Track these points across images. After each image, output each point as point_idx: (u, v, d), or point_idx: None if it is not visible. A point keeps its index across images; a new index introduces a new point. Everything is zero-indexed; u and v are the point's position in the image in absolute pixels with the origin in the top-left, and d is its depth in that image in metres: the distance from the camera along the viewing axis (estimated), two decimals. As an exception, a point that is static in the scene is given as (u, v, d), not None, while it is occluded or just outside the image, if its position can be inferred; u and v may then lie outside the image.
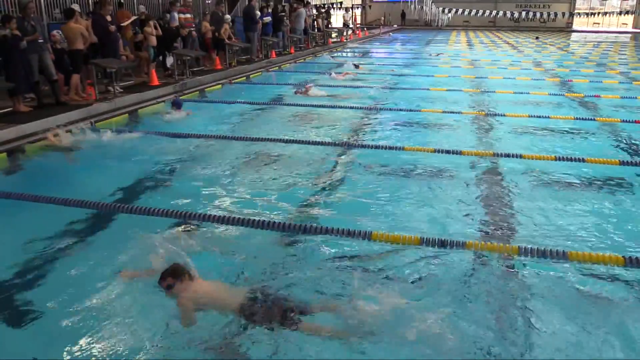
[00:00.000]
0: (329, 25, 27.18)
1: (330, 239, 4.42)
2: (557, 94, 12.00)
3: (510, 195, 5.58)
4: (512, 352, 3.12)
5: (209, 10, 15.82)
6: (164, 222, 4.77)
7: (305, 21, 20.78)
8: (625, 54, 23.70)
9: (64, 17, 9.51)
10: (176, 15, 12.99)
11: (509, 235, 4.64)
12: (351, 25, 31.83)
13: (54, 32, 9.71)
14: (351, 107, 10.09)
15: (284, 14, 19.12)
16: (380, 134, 8.22)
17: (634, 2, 44.50)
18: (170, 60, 12.33)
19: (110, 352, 3.10)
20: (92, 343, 3.17)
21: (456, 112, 9.57)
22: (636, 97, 11.42)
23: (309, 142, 7.39)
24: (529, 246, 4.22)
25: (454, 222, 4.88)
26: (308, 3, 23.82)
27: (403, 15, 46.93)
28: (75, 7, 9.76)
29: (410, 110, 9.80)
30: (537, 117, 9.27)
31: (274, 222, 4.67)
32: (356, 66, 15.89)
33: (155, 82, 10.92)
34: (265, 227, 4.61)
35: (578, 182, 5.98)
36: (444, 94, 11.86)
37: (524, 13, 44.64)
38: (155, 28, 11.83)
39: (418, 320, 3.37)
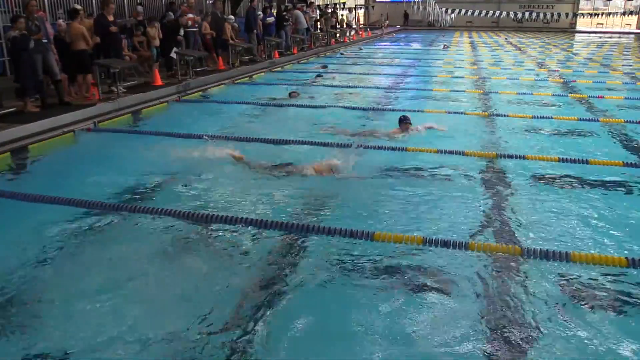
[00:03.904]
0: (337, 26, 27.10)
1: (332, 239, 4.42)
2: (560, 95, 11.97)
3: (513, 196, 5.56)
4: (514, 353, 3.10)
5: (210, 11, 15.84)
6: (167, 221, 4.78)
7: (306, 21, 20.80)
8: (629, 55, 23.63)
9: (68, 17, 9.53)
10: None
11: (512, 236, 4.62)
12: (354, 26, 31.81)
13: (60, 20, 9.74)
14: (353, 108, 10.08)
15: (286, 13, 19.13)
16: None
17: (638, 3, 44.34)
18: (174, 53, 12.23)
19: (110, 352, 3.10)
20: (92, 342, 3.17)
21: (459, 113, 9.55)
22: (640, 98, 11.40)
23: (311, 143, 7.38)
24: (532, 247, 4.22)
25: (456, 223, 4.86)
26: (312, 3, 23.78)
27: (406, 15, 46.81)
28: (77, 7, 9.79)
29: (414, 111, 9.78)
30: (540, 117, 9.25)
31: (277, 221, 4.68)
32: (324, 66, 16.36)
33: (159, 82, 10.92)
34: (268, 227, 4.61)
35: (581, 183, 5.96)
36: (447, 94, 11.85)
37: (527, 14, 44.52)
38: (158, 30, 11.86)
39: (418, 320, 3.38)
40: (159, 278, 3.89)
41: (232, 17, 15.56)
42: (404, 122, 7.84)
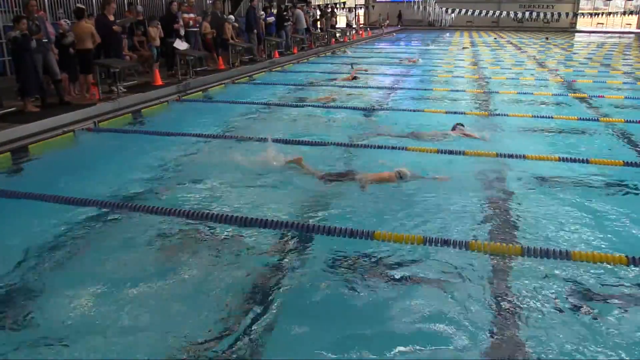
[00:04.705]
0: (336, 25, 27.10)
1: (332, 239, 4.42)
2: (560, 94, 11.97)
3: (514, 196, 5.56)
4: (513, 353, 3.11)
5: (210, 11, 15.85)
6: (166, 221, 4.78)
7: (306, 21, 20.81)
8: (629, 54, 23.62)
9: (74, 17, 9.54)
10: (180, 14, 13.01)
11: (513, 235, 4.62)
12: (354, 26, 31.81)
13: (62, 21, 9.74)
14: (354, 108, 10.08)
15: (286, 13, 19.13)
16: (382, 135, 8.20)
17: (638, 3, 44.33)
18: (182, 45, 12.17)
19: (108, 353, 3.10)
20: (90, 343, 3.17)
21: (459, 113, 9.54)
22: (640, 97, 11.39)
23: (310, 143, 7.38)
24: (532, 246, 4.21)
25: (456, 222, 4.86)
26: (309, 3, 23.75)
27: (400, 15, 46.69)
28: (80, 6, 9.80)
29: (414, 111, 9.79)
30: (540, 117, 9.25)
31: (277, 221, 4.67)
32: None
33: (159, 82, 10.93)
34: (268, 226, 4.61)
35: (582, 182, 5.96)
36: (447, 94, 11.85)
37: (527, 13, 44.50)
38: (160, 29, 11.85)
39: (418, 320, 3.38)
40: (158, 277, 3.89)
41: (232, 16, 15.55)
42: (458, 129, 7.85)
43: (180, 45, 12.05)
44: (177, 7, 12.67)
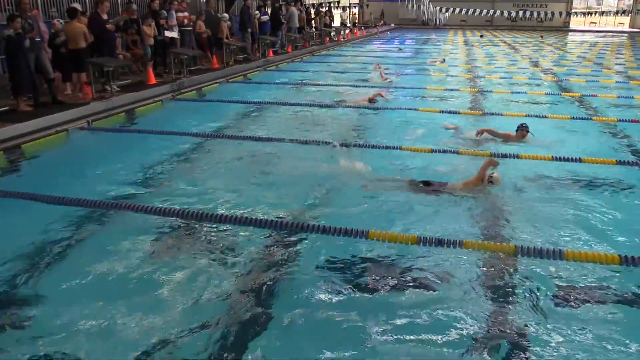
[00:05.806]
0: (332, 24, 27.05)
1: (328, 238, 4.42)
2: (554, 94, 12.02)
3: (507, 195, 5.57)
4: (508, 352, 3.12)
5: (204, 10, 15.79)
6: (163, 221, 4.77)
7: (301, 20, 20.76)
8: (622, 54, 23.74)
9: (66, 17, 9.49)
10: (174, 13, 12.96)
11: (506, 235, 4.64)
12: (349, 24, 31.80)
13: (55, 20, 9.69)
14: (349, 107, 10.09)
15: (281, 11, 19.10)
16: (377, 133, 8.22)
17: (631, 2, 44.56)
18: (172, 33, 12.07)
19: (105, 353, 3.10)
20: (88, 343, 3.16)
21: (453, 112, 9.57)
22: (633, 97, 11.45)
23: (306, 142, 7.38)
24: (526, 245, 4.24)
25: (451, 222, 4.88)
26: (299, 1, 23.71)
27: (382, 14, 46.49)
28: (76, 6, 9.75)
29: (408, 109, 9.81)
30: (534, 116, 9.27)
31: (272, 220, 4.68)
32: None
33: (152, 81, 10.89)
34: (263, 225, 4.61)
35: (575, 182, 5.99)
36: (441, 93, 11.87)
37: (521, 12, 44.62)
38: (154, 28, 11.79)
39: (414, 319, 3.39)
40: (152, 277, 3.88)
41: (226, 15, 15.50)
42: (521, 129, 7.54)
43: (171, 33, 12.00)
44: (158, 5, 12.59)
